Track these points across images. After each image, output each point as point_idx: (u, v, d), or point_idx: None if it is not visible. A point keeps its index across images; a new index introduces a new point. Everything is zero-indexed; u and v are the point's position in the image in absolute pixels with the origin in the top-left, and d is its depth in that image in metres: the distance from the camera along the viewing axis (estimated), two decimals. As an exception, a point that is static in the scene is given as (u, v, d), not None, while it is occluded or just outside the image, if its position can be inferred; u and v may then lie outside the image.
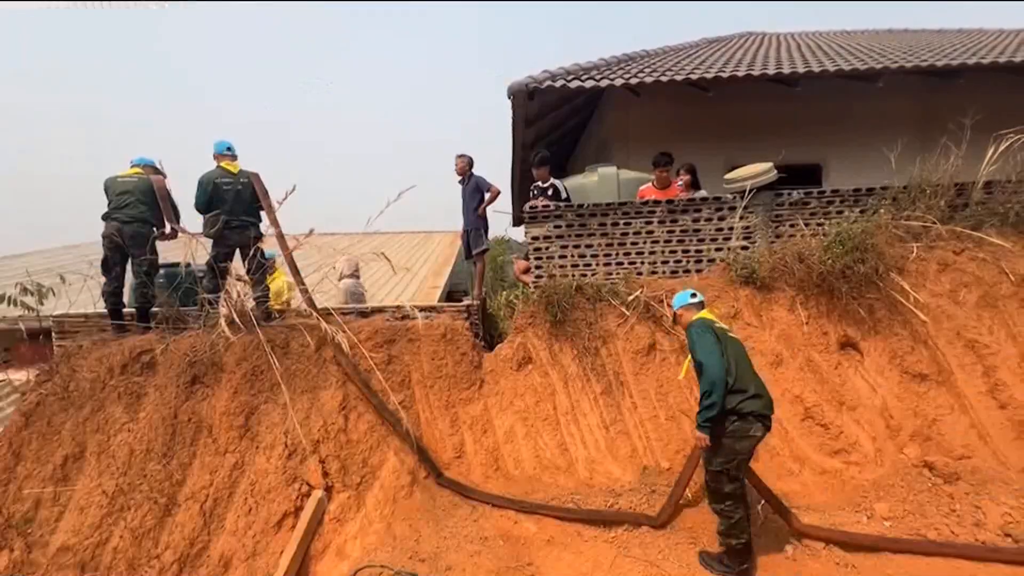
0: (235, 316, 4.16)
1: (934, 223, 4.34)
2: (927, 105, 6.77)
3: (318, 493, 3.75)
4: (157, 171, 4.80)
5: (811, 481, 3.72)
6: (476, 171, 5.85)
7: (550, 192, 5.37)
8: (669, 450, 3.93)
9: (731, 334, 3.24)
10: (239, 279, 4.53)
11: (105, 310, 4.66)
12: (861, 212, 4.71)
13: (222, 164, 4.52)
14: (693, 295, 3.34)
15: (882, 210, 4.53)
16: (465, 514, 3.63)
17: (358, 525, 3.63)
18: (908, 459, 3.67)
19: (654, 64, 7.02)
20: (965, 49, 7.04)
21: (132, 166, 4.72)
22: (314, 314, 4.32)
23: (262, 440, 4.02)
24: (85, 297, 4.83)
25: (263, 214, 4.63)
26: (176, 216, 4.75)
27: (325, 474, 3.85)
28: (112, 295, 4.56)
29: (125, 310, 4.70)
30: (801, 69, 6.14)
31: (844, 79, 6.33)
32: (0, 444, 4.11)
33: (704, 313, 3.26)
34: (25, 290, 4.35)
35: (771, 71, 6.11)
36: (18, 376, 6.41)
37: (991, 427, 3.75)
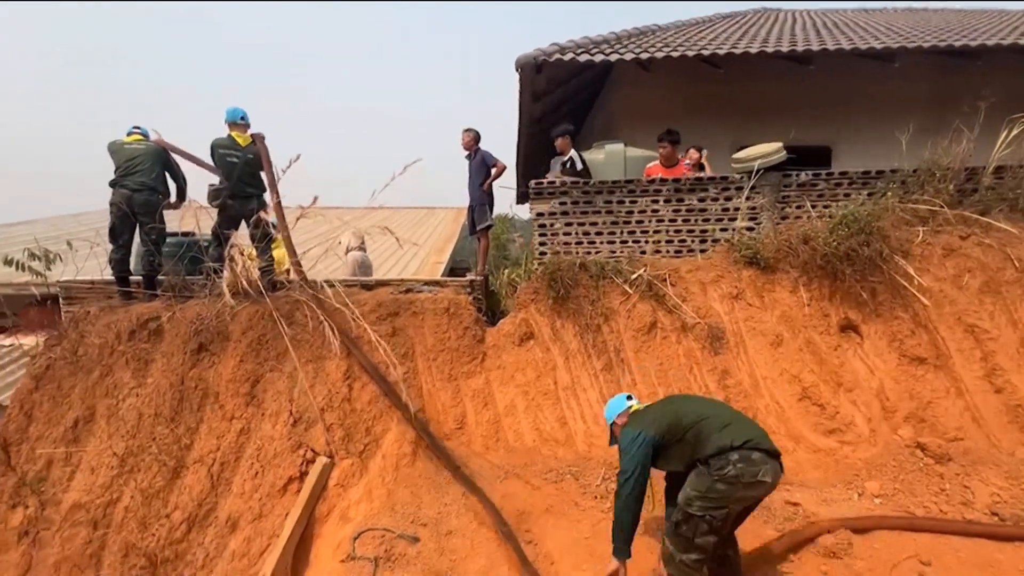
0: (244, 282, 4.20)
1: (941, 207, 4.31)
2: (942, 87, 6.62)
3: (323, 459, 3.84)
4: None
5: (805, 459, 3.80)
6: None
7: (568, 164, 5.34)
8: (667, 426, 4.00)
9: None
10: (242, 252, 4.55)
11: (112, 277, 4.70)
12: (869, 195, 4.68)
13: (233, 133, 4.51)
14: (629, 397, 2.81)
15: (889, 193, 4.49)
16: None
17: (362, 491, 3.72)
18: (901, 440, 3.73)
19: (666, 39, 6.88)
20: (985, 30, 6.86)
21: (130, 133, 4.69)
22: (318, 287, 4.36)
23: (268, 407, 4.09)
24: (92, 264, 4.87)
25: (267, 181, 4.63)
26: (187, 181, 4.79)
27: (329, 441, 3.94)
28: (119, 263, 4.59)
29: (132, 278, 4.74)
30: (816, 46, 6.01)
31: (859, 58, 6.20)
32: (12, 406, 4.21)
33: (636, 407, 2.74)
34: (33, 255, 4.38)
35: (785, 48, 5.99)
36: (27, 341, 6.52)
37: (986, 411, 3.80)
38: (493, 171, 5.66)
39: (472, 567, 2.91)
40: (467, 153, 5.84)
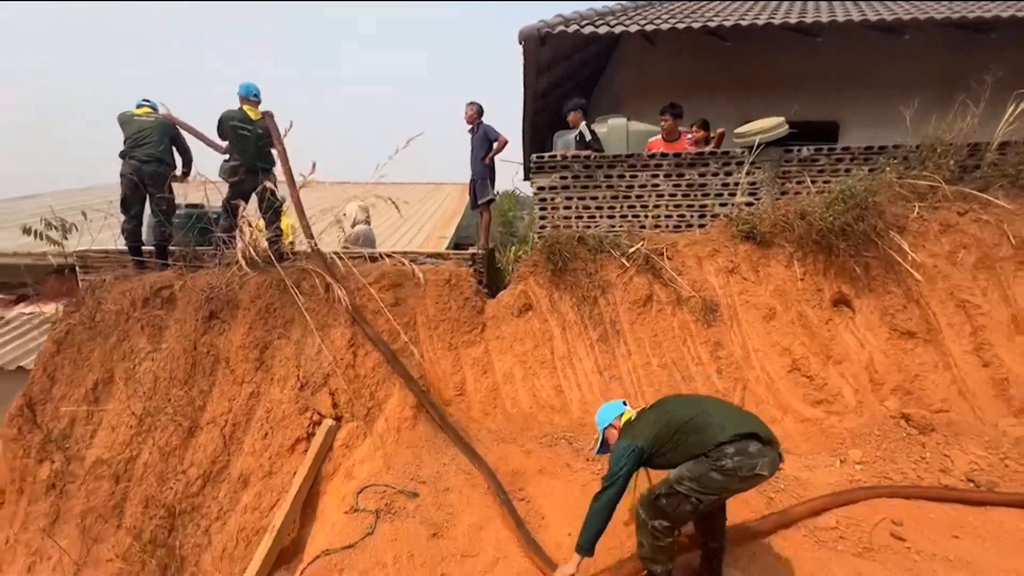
0: (252, 252, 4.35)
1: (939, 183, 4.31)
2: (954, 62, 6.49)
3: (328, 422, 4.04)
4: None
5: (792, 428, 3.92)
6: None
7: (577, 137, 5.35)
8: (659, 395, 4.11)
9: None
10: (250, 223, 4.69)
11: (125, 247, 4.86)
12: (871, 171, 4.67)
13: (244, 107, 4.60)
14: (624, 403, 2.69)
15: (888, 169, 4.49)
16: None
17: (365, 451, 3.92)
18: (887, 411, 3.84)
19: (672, 10, 6.77)
20: (1000, 2, 6.66)
21: (139, 106, 4.79)
22: (326, 257, 4.50)
23: (276, 372, 4.28)
24: (106, 235, 5.03)
25: (276, 156, 4.74)
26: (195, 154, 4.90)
27: (335, 405, 4.12)
28: (132, 233, 4.75)
29: (144, 248, 4.90)
30: (825, 18, 5.90)
31: (869, 31, 6.08)
32: (36, 368, 4.44)
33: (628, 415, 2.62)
34: (50, 225, 4.54)
35: (793, 20, 5.89)
36: (47, 309, 6.78)
37: (972, 384, 3.88)
38: (495, 145, 5.69)
39: (467, 520, 3.09)
40: (470, 127, 5.86)
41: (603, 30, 6.02)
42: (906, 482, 3.29)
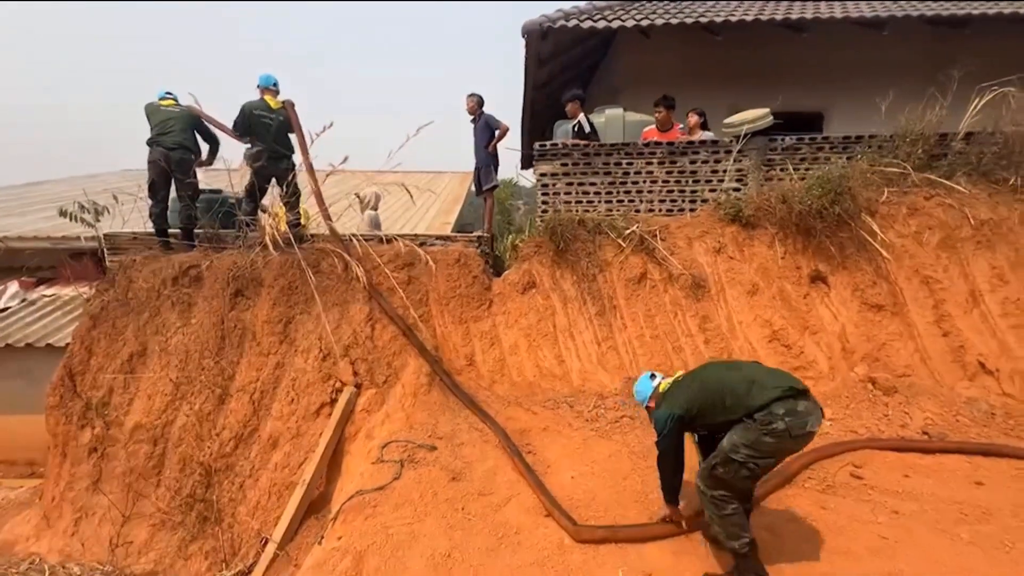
0: (277, 236, 4.67)
1: (908, 170, 4.69)
2: (935, 54, 6.83)
3: (349, 388, 4.41)
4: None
5: (771, 392, 4.33)
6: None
7: (576, 128, 5.67)
8: (652, 363, 4.53)
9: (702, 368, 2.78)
10: (269, 211, 5.00)
11: (152, 229, 5.16)
12: (848, 159, 5.05)
13: (265, 97, 4.88)
14: (652, 376, 2.77)
15: (861, 157, 4.87)
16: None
17: (384, 414, 4.30)
18: (856, 376, 4.26)
19: (667, 6, 7.08)
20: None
21: (162, 98, 5.05)
22: (341, 240, 4.83)
23: (299, 345, 4.63)
24: (134, 217, 5.31)
25: (296, 143, 5.04)
26: (218, 144, 5.18)
27: (355, 374, 4.49)
28: (159, 216, 5.04)
29: (170, 230, 5.20)
30: (810, 15, 6.24)
31: (853, 26, 6.42)
32: (74, 342, 4.76)
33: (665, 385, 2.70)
34: (83, 208, 4.83)
35: (779, 16, 6.22)
36: (67, 291, 7.06)
37: (933, 351, 4.31)
38: (497, 133, 5.98)
39: (482, 467, 3.48)
40: (471, 117, 6.15)
41: (601, 25, 6.33)
42: (868, 435, 3.71)
